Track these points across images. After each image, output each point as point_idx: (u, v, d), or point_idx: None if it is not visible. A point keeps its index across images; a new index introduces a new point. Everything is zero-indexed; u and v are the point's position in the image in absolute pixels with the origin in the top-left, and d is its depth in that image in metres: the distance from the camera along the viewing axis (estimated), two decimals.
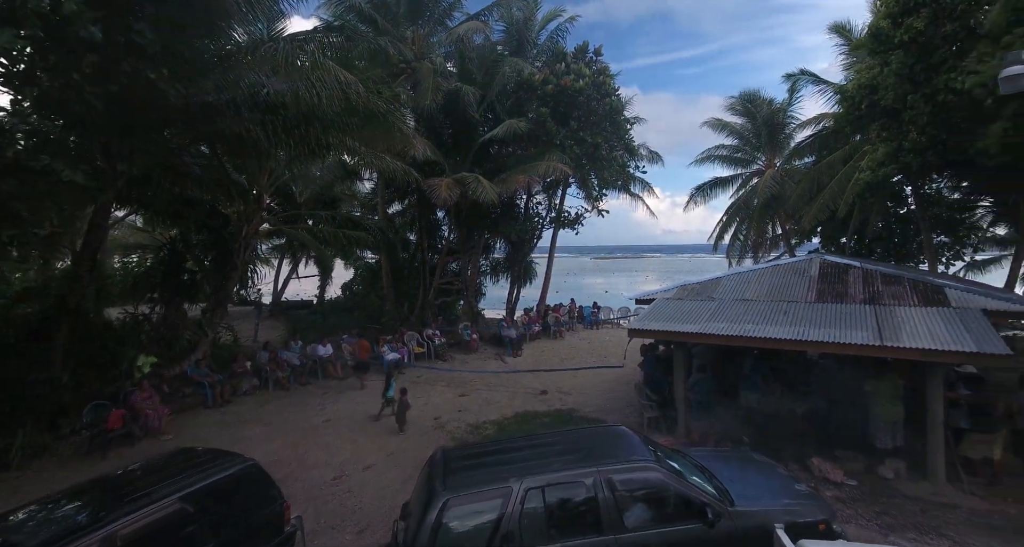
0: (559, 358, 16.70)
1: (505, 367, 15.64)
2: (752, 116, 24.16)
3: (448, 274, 22.15)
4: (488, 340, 18.84)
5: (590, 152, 17.79)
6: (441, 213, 22.57)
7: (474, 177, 15.50)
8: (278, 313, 26.35)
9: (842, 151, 19.34)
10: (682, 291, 10.42)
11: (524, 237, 19.42)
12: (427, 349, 16.65)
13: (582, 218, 20.89)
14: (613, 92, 18.04)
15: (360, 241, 13.97)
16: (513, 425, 10.44)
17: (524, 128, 16.28)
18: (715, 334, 8.05)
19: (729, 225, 24.73)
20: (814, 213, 18.96)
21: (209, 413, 11.44)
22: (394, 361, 14.89)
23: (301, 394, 12.93)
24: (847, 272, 9.89)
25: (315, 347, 14.47)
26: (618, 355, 16.44)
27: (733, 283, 10.38)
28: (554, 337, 20.09)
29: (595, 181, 21.76)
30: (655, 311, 9.49)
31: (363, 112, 9.79)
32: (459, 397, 12.65)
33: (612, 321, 22.97)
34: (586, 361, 16.13)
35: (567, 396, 12.49)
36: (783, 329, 7.84)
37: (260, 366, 13.16)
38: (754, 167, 24.93)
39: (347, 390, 13.40)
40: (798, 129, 22.70)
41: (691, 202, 26.10)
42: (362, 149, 11.55)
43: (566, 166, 16.52)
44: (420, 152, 15.28)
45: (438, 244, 22.42)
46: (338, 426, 10.67)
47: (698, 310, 9.21)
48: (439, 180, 15.46)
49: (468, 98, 16.16)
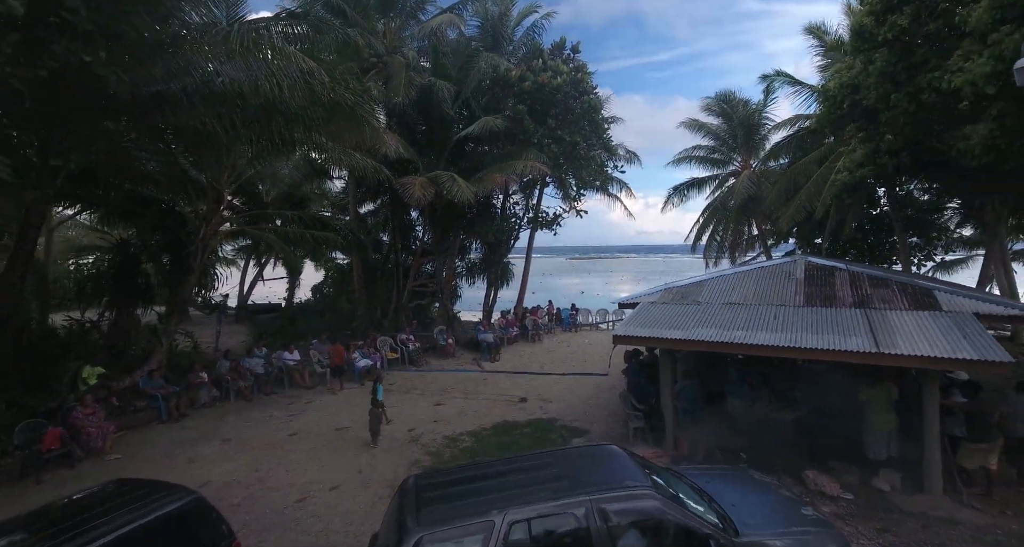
0: (538, 363, 16.23)
1: (483, 374, 15.10)
2: (728, 117, 24.15)
3: (423, 276, 21.48)
4: (465, 344, 18.26)
5: (568, 151, 17.39)
6: (415, 213, 21.93)
7: (449, 176, 14.92)
8: (244, 317, 25.28)
9: (817, 152, 19.41)
10: (666, 294, 10.05)
11: (501, 238, 18.91)
12: (401, 355, 15.98)
13: (560, 218, 20.50)
14: (591, 90, 17.68)
15: (328, 242, 13.24)
16: (492, 437, 9.90)
17: (501, 125, 15.77)
18: (705, 341, 7.67)
19: (706, 226, 24.68)
20: (791, 214, 18.97)
21: (163, 429, 10.57)
22: (366, 368, 14.20)
23: (265, 405, 12.13)
24: (833, 274, 9.66)
25: (281, 354, 13.67)
26: (598, 359, 16.11)
27: (718, 286, 10.06)
28: (532, 341, 19.62)
29: (573, 181, 21.43)
30: (640, 316, 9.08)
31: (329, 104, 9.12)
32: (435, 406, 12.05)
33: (591, 323, 22.64)
34: (566, 366, 15.71)
35: (548, 404, 12.02)
36: (775, 335, 7.50)
37: (220, 376, 12.31)
38: (730, 168, 24.93)
39: (316, 399, 12.66)
40: (774, 130, 22.79)
41: (668, 203, 26.00)
42: (330, 145, 10.86)
43: (544, 165, 16.07)
44: (392, 150, 14.62)
45: (412, 245, 21.73)
46: (304, 441, 9.96)
47: (684, 315, 8.83)
48: (412, 179, 14.83)
49: (442, 94, 15.56)
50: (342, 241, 13.51)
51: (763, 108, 23.11)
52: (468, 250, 22.69)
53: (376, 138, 10.18)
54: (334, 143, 11.14)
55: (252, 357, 13.07)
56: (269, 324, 20.34)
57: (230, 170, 12.49)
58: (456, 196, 14.61)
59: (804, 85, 19.68)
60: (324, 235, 13.07)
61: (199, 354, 14.49)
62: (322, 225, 13.71)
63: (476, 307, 27.76)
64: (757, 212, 22.91)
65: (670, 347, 8.22)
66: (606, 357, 15.49)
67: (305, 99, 8.90)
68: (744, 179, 22.14)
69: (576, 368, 15.50)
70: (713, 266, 26.22)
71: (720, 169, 25.16)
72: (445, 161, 16.55)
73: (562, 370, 15.25)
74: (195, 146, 10.16)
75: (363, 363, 14.16)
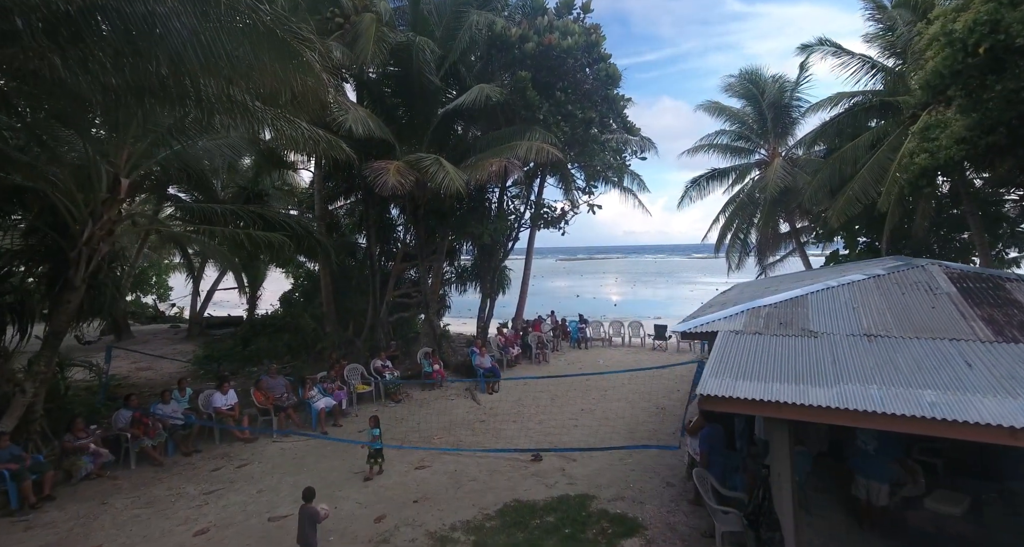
0: (549, 395, 12.98)
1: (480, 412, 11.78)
2: (754, 99, 21.13)
3: (405, 284, 18.16)
4: (456, 368, 14.96)
5: (580, 133, 14.15)
6: (396, 211, 18.64)
7: (434, 159, 11.63)
8: (196, 333, 21.74)
9: (868, 135, 16.45)
10: (754, 318, 6.83)
11: (498, 239, 15.62)
12: (375, 387, 12.64)
13: (568, 215, 17.23)
14: (606, 57, 14.47)
15: (274, 245, 9.84)
16: (500, 533, 6.63)
17: (499, 96, 12.48)
18: (874, 413, 4.44)
19: (730, 223, 21.58)
20: (841, 208, 15.95)
21: (5, 527, 7.12)
22: (326, 409, 10.85)
23: (179, 474, 8.72)
24: (1002, 286, 6.55)
25: (211, 395, 10.26)
26: (621, 386, 12.87)
27: (828, 304, 6.89)
28: (537, 361, 16.37)
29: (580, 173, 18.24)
30: (727, 357, 5.83)
31: (247, 32, 5.82)
32: (415, 470, 8.74)
33: (603, 338, 19.39)
34: (586, 398, 12.47)
35: (572, 465, 8.76)
36: (991, 402, 4.31)
37: (118, 432, 8.90)
38: (755, 157, 21.91)
39: (253, 459, 9.28)
40: (811, 111, 19.70)
41: (685, 197, 22.86)
42: (260, 108, 7.51)
43: (554, 147, 12.82)
44: (360, 126, 11.31)
45: (392, 248, 18.43)
46: (219, 545, 6.60)
47: (799, 355, 5.63)
48: (386, 163, 11.52)
49: (423, 55, 12.24)
50: (292, 244, 10.11)
51: (797, 86, 20.09)
52: (458, 254, 19.42)
53: (322, 90, 6.88)
54: (268, 105, 7.80)
55: (166, 403, 9.63)
56: (217, 345, 16.87)
57: (130, 148, 9.08)
58: (443, 185, 11.34)
59: (853, 55, 16.67)
60: (267, 237, 9.68)
61: (95, 399, 10.97)
62: (267, 223, 10.30)
63: (466, 313, 24.40)
64: (791, 206, 19.90)
65: (806, 418, 4.97)
66: (631, 385, 12.29)
67: (204, 23, 5.62)
68: (777, 168, 19.07)
69: (598, 400, 12.28)
70: (736, 269, 23.21)
71: (743, 158, 22.11)
72: (428, 143, 13.27)
73: (580, 404, 12.03)
74: (50, 104, 6.78)
75: (322, 403, 10.80)
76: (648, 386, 13.48)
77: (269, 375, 11.53)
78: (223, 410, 10.17)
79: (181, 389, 10.28)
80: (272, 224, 10.42)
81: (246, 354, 16.04)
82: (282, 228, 10.52)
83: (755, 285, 11.59)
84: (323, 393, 11.19)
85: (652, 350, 17.93)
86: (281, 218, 10.71)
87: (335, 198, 18.42)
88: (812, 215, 19.25)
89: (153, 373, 15.56)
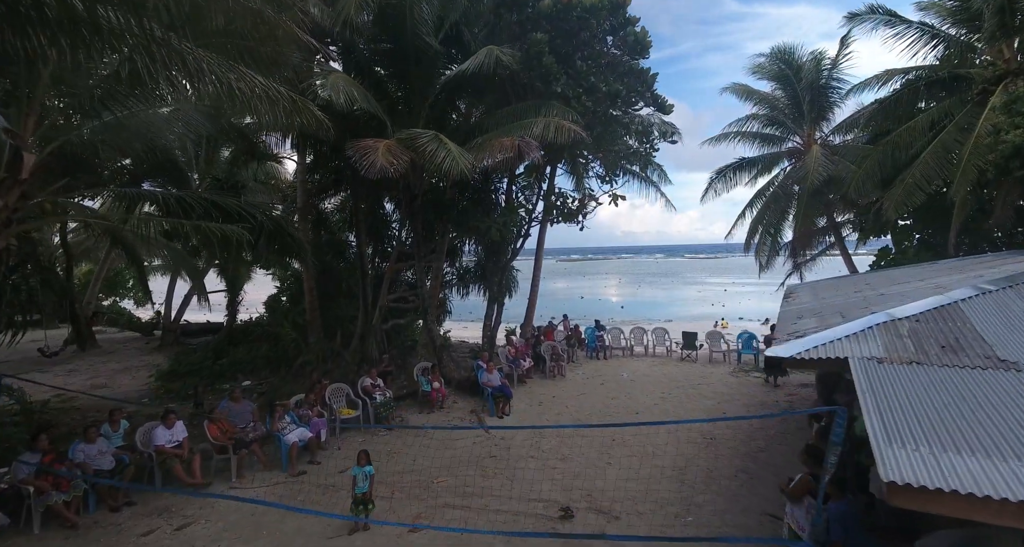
0: (570, 417, 10.89)
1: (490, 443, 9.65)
2: (786, 80, 19.06)
3: (401, 286, 16.09)
4: (459, 385, 12.84)
5: (603, 110, 12.04)
6: (391, 206, 16.57)
7: (432, 135, 9.55)
8: (171, 342, 19.64)
9: (926, 115, 14.39)
10: (893, 337, 4.71)
11: (507, 235, 13.50)
12: (363, 410, 10.53)
13: (588, 207, 15.08)
14: (634, 21, 12.38)
15: (231, 240, 7.72)
16: None
17: (511, 60, 10.38)
18: None
19: (761, 219, 19.42)
20: (900, 198, 13.88)
21: None
22: (301, 443, 8.75)
23: (96, 541, 6.61)
24: None
25: (152, 430, 8.13)
26: (652, 407, 10.27)
27: (995, 317, 4.81)
28: (551, 375, 14.26)
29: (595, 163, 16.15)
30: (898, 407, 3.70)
31: None
32: (409, 533, 6.64)
33: (623, 347, 17.24)
34: (615, 418, 10.35)
35: (614, 523, 6.66)
36: None
37: (18, 484, 6.78)
38: (787, 145, 19.83)
39: (201, 513, 7.17)
40: (855, 92, 17.63)
41: (709, 190, 20.76)
42: (191, 49, 5.43)
43: (577, 125, 10.72)
44: (342, 95, 9.25)
45: (387, 247, 16.35)
46: None
47: (1010, 400, 3.55)
48: (374, 141, 9.44)
49: (419, 11, 10.14)
50: (250, 237, 7.98)
51: (836, 64, 17.99)
52: (460, 253, 17.32)
53: (280, 40, 4.81)
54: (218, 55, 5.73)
55: (90, 443, 7.50)
56: (185, 358, 14.74)
57: (37, 115, 6.99)
58: (444, 167, 9.25)
59: (911, 24, 14.60)
60: (219, 229, 7.58)
61: None
62: (225, 215, 8.19)
63: (467, 315, 22.30)
64: (832, 198, 17.82)
65: None
66: (665, 406, 9.98)
67: None
68: (818, 156, 17.01)
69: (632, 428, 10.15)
70: (763, 269, 21.08)
71: (774, 147, 20.03)
72: (426, 121, 11.19)
73: (610, 432, 9.90)
74: None
75: (295, 436, 8.69)
76: (685, 407, 11.41)
77: (232, 399, 9.43)
78: (167, 449, 8.03)
79: (114, 422, 8.16)
80: (231, 215, 8.30)
81: (216, 368, 13.93)
82: (244, 220, 8.40)
83: (831, 287, 9.50)
84: (298, 422, 9.09)
85: (681, 361, 15.83)
86: (242, 208, 8.56)
87: (323, 192, 16.36)
88: (858, 208, 17.15)
89: (109, 392, 13.45)
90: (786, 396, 11.88)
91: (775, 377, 12.95)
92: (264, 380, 13.59)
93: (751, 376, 13.76)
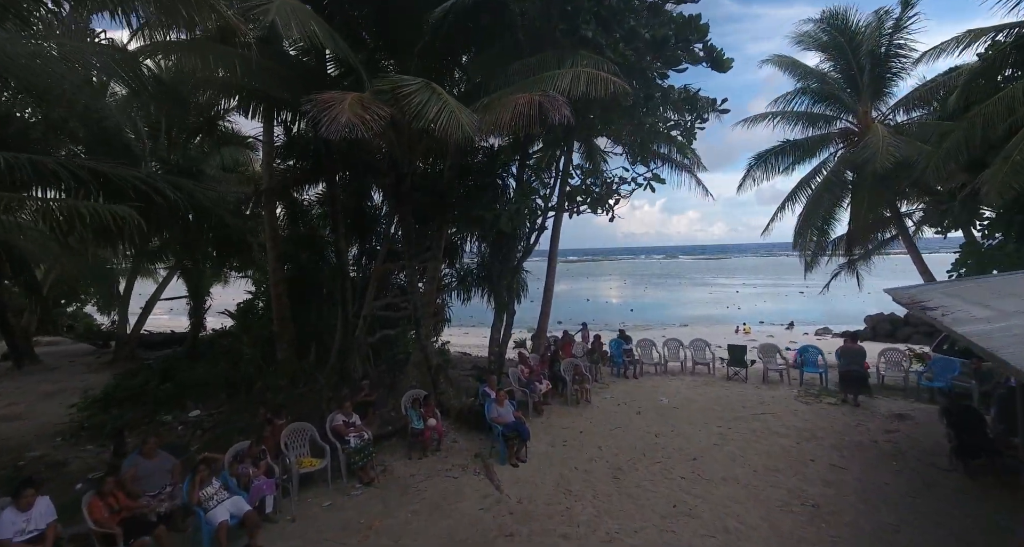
0: (606, 464, 8.17)
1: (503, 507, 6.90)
2: (840, 49, 16.38)
3: (391, 291, 13.44)
4: (459, 418, 10.13)
5: (649, 65, 9.35)
6: (380, 197, 13.93)
7: (422, 83, 6.88)
8: (126, 356, 16.93)
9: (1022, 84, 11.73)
10: None
11: (519, 226, 10.80)
12: (331, 458, 7.80)
13: (618, 192, 12.29)
14: None
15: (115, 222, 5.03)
16: None
17: None
18: None
19: (815, 209, 16.66)
20: (1004, 178, 11.18)
21: None
22: (233, 520, 6.03)
23: None
24: None
25: (3, 513, 5.43)
26: (725, 451, 7.34)
27: None
28: (575, 400, 11.55)
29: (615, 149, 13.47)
30: None
31: None
32: None
33: (656, 363, 14.45)
34: (669, 478, 7.59)
35: None
36: None
37: None
38: (838, 125, 17.14)
39: None
40: (927, 58, 14.90)
41: (747, 179, 18.07)
42: None
43: (615, 76, 8.03)
44: (296, 28, 6.59)
45: (376, 244, 13.72)
46: None
47: None
48: (339, 94, 6.74)
49: None
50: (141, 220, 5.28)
51: (898, 28, 15.30)
52: (460, 251, 14.62)
53: None
54: None
55: None
56: (124, 381, 12.00)
57: None
58: (440, 126, 6.57)
59: None
60: (94, 209, 4.92)
61: None
62: (112, 190, 5.52)
63: (467, 320, 19.61)
64: (900, 184, 15.08)
65: None
66: (728, 448, 7.34)
67: None
68: (884, 135, 14.29)
69: (690, 481, 7.39)
70: (809, 269, 18.39)
71: (822, 127, 17.33)
72: (416, 68, 8.48)
73: (662, 488, 7.18)
74: None
75: (223, 512, 5.97)
76: (757, 449, 8.70)
77: (143, 452, 6.74)
78: (31, 535, 5.34)
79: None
80: (123, 191, 5.60)
81: (160, 394, 11.21)
82: (144, 198, 5.70)
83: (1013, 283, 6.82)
84: (232, 487, 6.39)
85: (728, 380, 13.09)
86: (143, 181, 5.84)
87: (300, 182, 13.65)
88: (939, 194, 14.45)
89: (21, 425, 10.77)
90: (884, 433, 9.16)
91: (855, 395, 10.69)
92: (218, 409, 10.90)
93: (823, 402, 11.05)
